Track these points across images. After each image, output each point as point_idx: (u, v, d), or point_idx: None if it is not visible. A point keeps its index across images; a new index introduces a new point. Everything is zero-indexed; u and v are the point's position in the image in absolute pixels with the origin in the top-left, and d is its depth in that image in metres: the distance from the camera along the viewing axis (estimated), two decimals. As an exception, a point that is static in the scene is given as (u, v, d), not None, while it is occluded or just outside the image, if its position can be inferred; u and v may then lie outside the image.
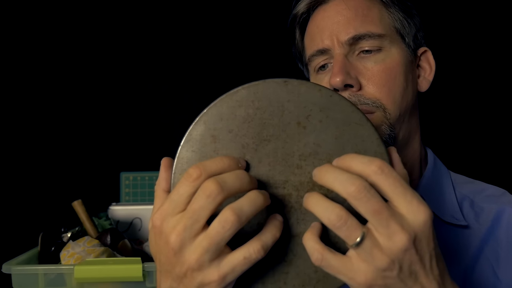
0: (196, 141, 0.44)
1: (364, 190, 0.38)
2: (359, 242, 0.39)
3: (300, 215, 0.44)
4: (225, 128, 0.44)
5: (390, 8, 0.69)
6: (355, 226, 0.39)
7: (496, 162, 1.58)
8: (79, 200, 1.06)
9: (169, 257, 0.41)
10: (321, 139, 0.44)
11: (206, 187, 0.39)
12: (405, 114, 0.68)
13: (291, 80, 0.44)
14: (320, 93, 0.44)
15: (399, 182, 0.39)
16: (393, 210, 0.39)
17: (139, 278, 0.81)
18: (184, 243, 0.40)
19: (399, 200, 0.39)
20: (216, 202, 0.39)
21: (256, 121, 0.44)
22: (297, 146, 0.44)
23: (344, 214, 0.39)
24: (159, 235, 0.42)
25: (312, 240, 0.41)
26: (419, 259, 0.40)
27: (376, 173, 0.39)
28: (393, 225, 0.38)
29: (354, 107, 0.45)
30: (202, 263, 0.40)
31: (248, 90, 0.44)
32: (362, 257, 0.40)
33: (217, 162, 0.41)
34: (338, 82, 0.63)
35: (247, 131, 0.44)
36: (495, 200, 0.71)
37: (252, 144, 0.44)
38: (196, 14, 1.60)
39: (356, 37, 0.66)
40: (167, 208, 0.41)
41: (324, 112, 0.44)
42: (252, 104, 0.44)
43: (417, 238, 0.39)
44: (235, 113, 0.44)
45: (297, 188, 0.44)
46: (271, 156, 0.44)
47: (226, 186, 0.39)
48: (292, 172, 0.44)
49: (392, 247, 0.39)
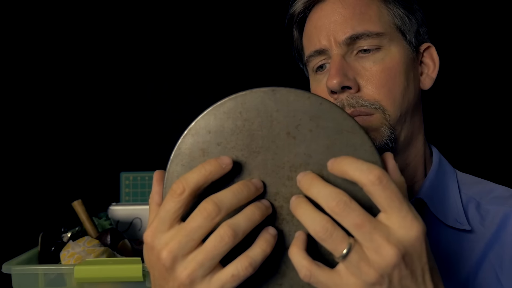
0: (185, 155, 0.44)
1: (343, 205, 0.38)
2: (345, 254, 0.38)
3: (292, 227, 0.43)
4: (213, 141, 0.43)
5: (390, 4, 0.67)
6: (341, 239, 0.38)
7: (505, 160, 1.54)
8: (79, 200, 1.06)
9: (162, 272, 0.42)
10: (311, 149, 0.43)
11: (203, 207, 0.39)
12: (406, 114, 0.66)
13: (279, 89, 0.43)
14: (310, 101, 0.43)
15: (396, 196, 0.38)
16: (377, 223, 0.38)
17: (139, 278, 0.81)
18: (176, 259, 0.40)
19: (393, 213, 0.38)
20: (213, 222, 0.39)
21: (244, 132, 0.43)
22: (287, 157, 0.43)
23: (330, 226, 0.38)
24: (151, 251, 0.42)
25: (298, 255, 0.40)
26: (410, 274, 0.39)
27: (374, 184, 0.38)
28: (378, 238, 0.37)
29: (346, 114, 0.43)
30: (194, 279, 0.40)
31: (236, 101, 0.43)
32: (351, 271, 0.39)
33: (198, 173, 0.40)
34: (335, 84, 0.62)
35: (236, 143, 0.43)
36: (503, 202, 0.68)
37: (241, 156, 0.43)
38: (196, 14, 1.60)
39: (354, 37, 0.64)
40: (156, 225, 0.41)
41: (314, 121, 0.43)
42: (240, 116, 0.43)
43: (407, 253, 0.38)
44: (223, 125, 0.43)
45: (288, 200, 0.43)
46: (261, 168, 0.43)
47: (223, 205, 0.39)
48: (283, 184, 0.43)
49: (380, 261, 0.38)
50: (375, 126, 0.63)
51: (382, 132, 0.63)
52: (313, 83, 0.71)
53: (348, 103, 0.63)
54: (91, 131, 1.55)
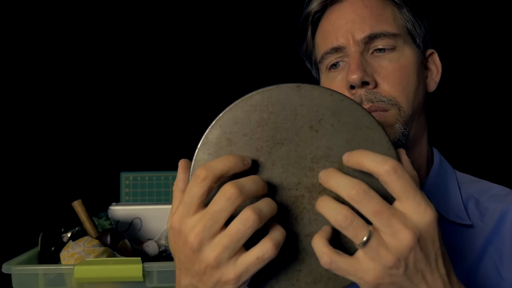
0: (212, 144, 0.46)
1: (363, 193, 0.40)
2: (365, 241, 0.40)
3: (312, 215, 0.45)
4: (240, 131, 0.46)
5: (402, 9, 0.70)
6: (361, 226, 0.40)
7: (502, 161, 1.58)
8: (79, 200, 1.06)
9: (189, 255, 0.43)
10: (332, 143, 0.45)
11: (226, 190, 0.41)
12: (416, 113, 0.69)
13: (304, 85, 0.45)
14: (332, 97, 0.45)
15: (410, 184, 0.41)
16: (394, 209, 0.41)
17: (139, 278, 0.82)
18: (203, 242, 0.42)
19: (408, 201, 0.41)
20: (235, 204, 0.41)
21: (270, 125, 0.45)
22: (309, 149, 0.45)
23: (350, 214, 0.40)
24: (178, 236, 0.44)
25: (320, 243, 0.43)
26: (424, 257, 0.41)
27: (389, 173, 0.40)
28: (396, 223, 0.40)
29: (365, 111, 0.45)
30: (220, 261, 0.42)
31: (262, 94, 0.46)
32: (370, 256, 0.41)
33: (222, 162, 0.43)
34: (356, 79, 0.64)
35: (261, 135, 0.45)
36: (500, 200, 0.71)
37: (266, 147, 0.45)
38: (196, 14, 1.60)
39: (372, 36, 0.66)
40: (182, 210, 0.43)
41: (336, 116, 0.45)
42: (266, 109, 0.45)
43: (422, 237, 0.41)
44: (250, 117, 0.46)
45: (309, 189, 0.45)
46: (284, 158, 0.45)
47: (244, 189, 0.41)
48: (305, 174, 0.45)
49: (397, 245, 0.40)
50: (390, 122, 0.65)
51: (396, 128, 0.66)
52: (326, 80, 0.73)
53: (367, 98, 0.65)
54: (91, 131, 1.55)
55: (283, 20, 1.53)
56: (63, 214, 1.14)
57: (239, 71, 1.58)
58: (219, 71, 1.59)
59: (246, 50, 1.60)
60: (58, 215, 1.21)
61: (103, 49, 1.57)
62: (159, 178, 1.37)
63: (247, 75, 1.57)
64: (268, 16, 1.58)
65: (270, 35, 1.58)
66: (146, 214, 1.17)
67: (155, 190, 1.37)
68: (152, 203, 1.30)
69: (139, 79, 1.58)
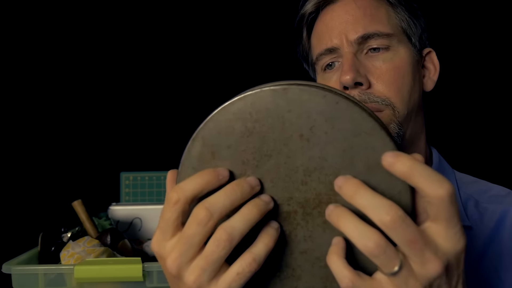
0: (195, 158, 0.41)
1: (399, 219, 0.36)
2: (396, 271, 0.37)
3: (307, 232, 0.41)
4: (223, 143, 0.41)
5: (397, 8, 0.70)
6: (394, 256, 0.37)
7: (501, 161, 1.58)
8: (79, 200, 1.06)
9: (171, 278, 0.42)
10: (327, 153, 0.40)
11: (196, 214, 0.39)
12: (412, 113, 0.68)
13: (292, 87, 0.39)
14: (325, 100, 0.39)
15: (457, 211, 0.37)
16: (427, 238, 0.37)
17: (139, 278, 0.81)
18: (180, 267, 0.40)
19: (446, 230, 0.37)
20: (208, 227, 0.39)
21: (255, 135, 0.40)
22: (300, 160, 0.40)
23: (383, 242, 0.36)
24: (159, 259, 0.43)
25: (340, 264, 0.39)
26: (447, 282, 0.39)
27: (443, 200, 0.36)
28: (428, 254, 0.37)
29: (365, 113, 0.39)
30: (201, 284, 0.40)
31: (245, 100, 0.40)
32: (396, 283, 0.38)
33: (195, 181, 0.40)
34: (348, 79, 0.63)
35: (247, 146, 0.41)
36: (500, 201, 0.71)
37: (252, 160, 0.41)
38: (199, 13, 1.60)
39: (365, 36, 0.66)
40: (159, 234, 0.41)
41: (330, 122, 0.39)
42: (250, 117, 0.40)
43: (449, 264, 0.38)
44: (233, 126, 0.40)
45: (303, 205, 0.41)
46: (273, 172, 0.41)
47: (215, 209, 0.38)
48: (297, 189, 0.41)
49: (426, 274, 0.37)
50: (385, 123, 0.65)
51: (391, 128, 0.65)
52: (322, 81, 0.73)
53: (360, 98, 0.65)
54: (91, 131, 1.55)
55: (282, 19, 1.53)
56: (63, 214, 1.14)
57: (239, 71, 1.58)
58: (219, 71, 1.59)
59: (246, 50, 1.60)
60: (58, 215, 1.21)
61: (102, 49, 1.57)
62: (159, 178, 1.37)
63: (247, 75, 1.57)
64: (267, 16, 1.58)
65: (269, 34, 1.58)
66: (146, 214, 1.17)
67: (155, 190, 1.37)
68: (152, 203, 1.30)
69: (139, 79, 1.58)
